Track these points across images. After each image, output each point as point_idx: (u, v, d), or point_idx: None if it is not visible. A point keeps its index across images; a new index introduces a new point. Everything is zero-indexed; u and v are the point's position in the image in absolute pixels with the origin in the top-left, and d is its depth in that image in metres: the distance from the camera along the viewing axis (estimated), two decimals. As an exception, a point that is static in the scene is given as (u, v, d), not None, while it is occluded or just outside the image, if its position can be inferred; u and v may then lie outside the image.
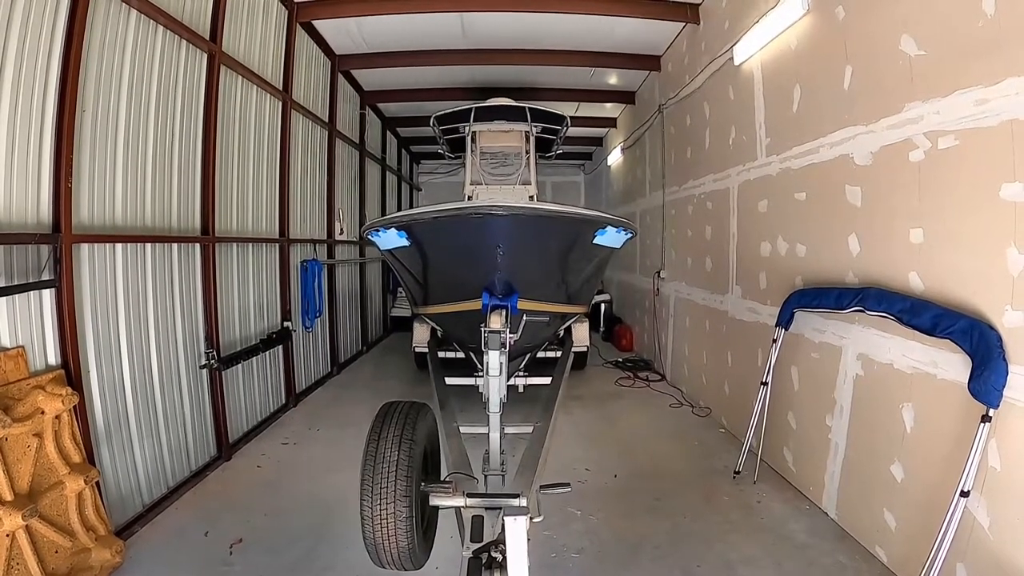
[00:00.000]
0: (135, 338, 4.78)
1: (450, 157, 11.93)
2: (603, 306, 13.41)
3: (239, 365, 6.37)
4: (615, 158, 14.05)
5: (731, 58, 6.63)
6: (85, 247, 4.25)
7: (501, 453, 3.78)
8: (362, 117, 11.68)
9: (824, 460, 4.84)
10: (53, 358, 3.95)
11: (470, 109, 9.59)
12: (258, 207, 7.13)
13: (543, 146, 11.13)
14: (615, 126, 14.22)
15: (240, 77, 6.48)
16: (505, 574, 2.65)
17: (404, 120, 13.77)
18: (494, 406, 3.63)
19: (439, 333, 7.45)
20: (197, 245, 5.67)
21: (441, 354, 7.22)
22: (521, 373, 5.98)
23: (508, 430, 4.01)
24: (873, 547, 4.20)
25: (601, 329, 13.31)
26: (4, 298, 3.56)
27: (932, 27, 3.64)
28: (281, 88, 7.56)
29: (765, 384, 5.38)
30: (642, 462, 6.04)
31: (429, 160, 18.35)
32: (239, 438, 6.40)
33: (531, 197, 9.63)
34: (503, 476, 3.77)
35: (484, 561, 2.81)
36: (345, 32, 8.83)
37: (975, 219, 3.33)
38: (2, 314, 3.58)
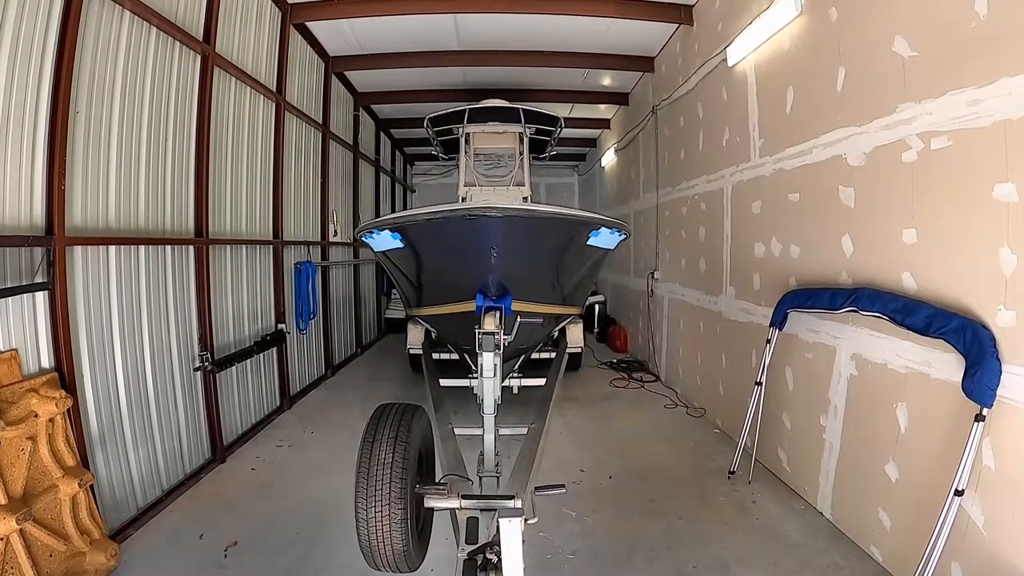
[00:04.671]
0: (129, 340, 4.75)
1: (444, 159, 11.91)
2: (597, 307, 13.42)
3: (233, 367, 6.35)
4: (609, 159, 14.06)
5: (724, 59, 6.65)
6: (78, 249, 4.24)
7: (496, 455, 3.78)
8: (356, 119, 11.67)
9: (819, 460, 4.85)
10: (46, 361, 3.93)
11: (464, 110, 9.58)
12: (252, 209, 7.10)
13: (537, 147, 11.13)
14: (609, 127, 14.23)
15: (233, 79, 6.46)
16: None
17: (398, 122, 13.74)
18: (488, 407, 3.62)
19: (433, 335, 7.45)
20: (191, 247, 5.65)
21: (435, 356, 7.22)
22: (515, 374, 5.99)
23: (503, 431, 4.01)
24: (868, 546, 4.21)
25: (595, 330, 13.31)
26: (-3, 301, 3.54)
27: (925, 28, 3.66)
28: (275, 90, 7.54)
29: (759, 384, 5.40)
30: (637, 463, 6.05)
31: (423, 162, 18.33)
32: (233, 440, 6.37)
33: (525, 198, 9.62)
34: (498, 478, 3.77)
35: (479, 563, 2.81)
36: (338, 33, 8.82)
37: (968, 219, 3.35)
38: (-5, 317, 3.55)
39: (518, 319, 3.88)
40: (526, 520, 2.74)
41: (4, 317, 3.62)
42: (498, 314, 3.54)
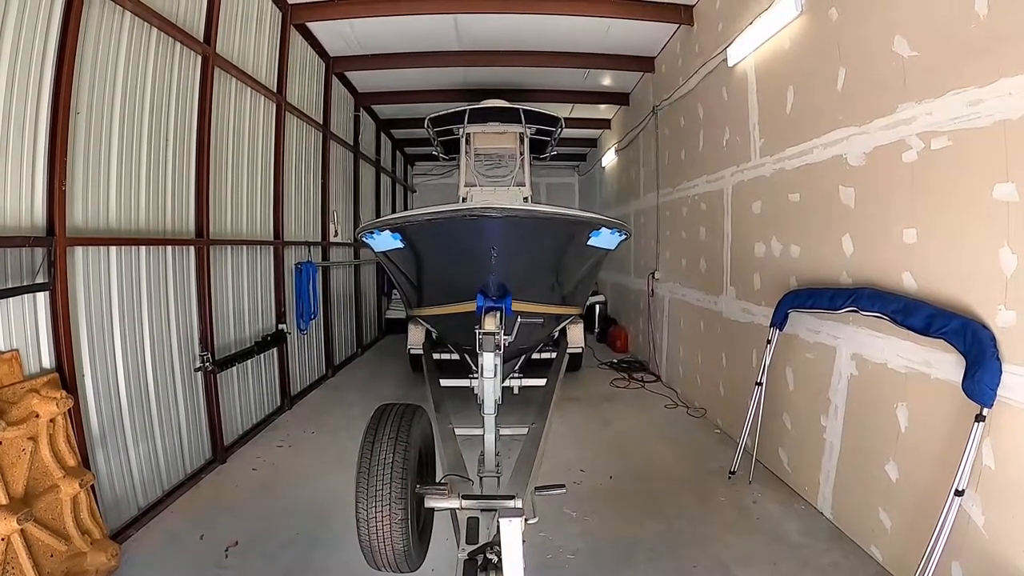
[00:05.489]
0: (129, 341, 4.76)
1: (444, 159, 11.92)
2: (598, 307, 13.41)
3: (234, 368, 6.35)
4: (609, 159, 14.06)
5: (725, 59, 6.65)
6: (79, 250, 4.24)
7: (496, 455, 3.78)
8: (356, 119, 11.67)
9: (819, 460, 4.85)
10: (47, 361, 3.93)
11: (464, 111, 9.59)
12: (252, 209, 7.11)
13: (537, 148, 11.13)
14: (609, 127, 14.23)
15: (234, 79, 6.46)
16: (501, 576, 2.66)
17: (398, 122, 13.76)
18: (489, 408, 3.62)
19: (434, 335, 7.44)
20: (191, 247, 5.66)
21: (436, 356, 7.21)
22: (516, 375, 5.99)
23: (503, 432, 4.00)
24: (868, 546, 4.21)
25: (596, 330, 13.31)
26: (-2, 301, 3.54)
27: (925, 28, 3.66)
28: (275, 90, 7.55)
29: (760, 385, 5.40)
30: (637, 463, 6.04)
31: (423, 162, 18.33)
32: (234, 441, 6.37)
33: (525, 199, 9.62)
34: (498, 478, 3.76)
35: (480, 563, 2.81)
36: (339, 34, 8.82)
37: (968, 219, 3.35)
38: (-4, 317, 3.55)
39: (518, 319, 3.88)
40: (526, 520, 2.74)
41: (5, 317, 3.62)
42: (498, 314, 3.54)
